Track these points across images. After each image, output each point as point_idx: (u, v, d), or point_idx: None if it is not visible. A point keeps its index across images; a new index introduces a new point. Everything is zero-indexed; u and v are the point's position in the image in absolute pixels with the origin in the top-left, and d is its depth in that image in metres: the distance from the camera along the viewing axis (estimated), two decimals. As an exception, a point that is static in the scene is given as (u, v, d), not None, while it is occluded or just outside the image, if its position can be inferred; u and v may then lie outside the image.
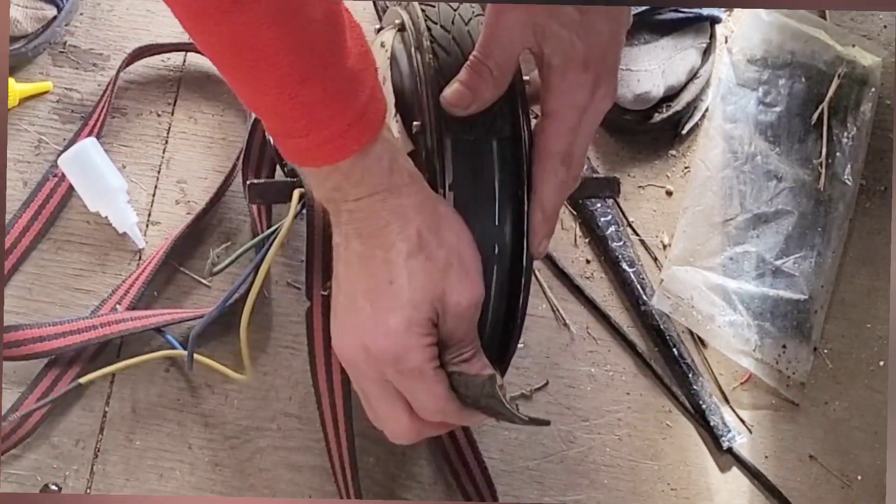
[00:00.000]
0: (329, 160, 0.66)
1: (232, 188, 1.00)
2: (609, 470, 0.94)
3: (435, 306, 0.68)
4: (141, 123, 1.03)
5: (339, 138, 0.64)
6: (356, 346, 0.69)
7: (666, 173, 1.04)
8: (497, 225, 0.73)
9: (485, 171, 0.72)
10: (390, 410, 0.72)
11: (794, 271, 0.99)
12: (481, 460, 0.91)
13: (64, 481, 0.92)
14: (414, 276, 0.67)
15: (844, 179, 1.01)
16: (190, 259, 0.99)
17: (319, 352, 0.82)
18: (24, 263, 0.98)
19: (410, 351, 0.68)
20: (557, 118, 0.72)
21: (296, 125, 0.64)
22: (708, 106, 1.05)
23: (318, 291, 0.79)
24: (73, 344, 0.92)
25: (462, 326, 0.70)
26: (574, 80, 0.71)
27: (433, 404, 0.70)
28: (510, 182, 0.73)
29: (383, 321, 0.68)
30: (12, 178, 1.00)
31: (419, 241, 0.67)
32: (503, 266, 0.74)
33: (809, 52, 1.05)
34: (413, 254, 0.67)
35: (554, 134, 0.72)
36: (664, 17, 1.01)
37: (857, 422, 0.96)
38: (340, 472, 0.87)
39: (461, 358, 0.70)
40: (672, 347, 0.97)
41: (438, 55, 0.73)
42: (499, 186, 0.73)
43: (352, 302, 0.69)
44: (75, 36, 1.06)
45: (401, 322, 0.67)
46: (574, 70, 0.71)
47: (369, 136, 0.65)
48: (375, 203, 0.67)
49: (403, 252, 0.67)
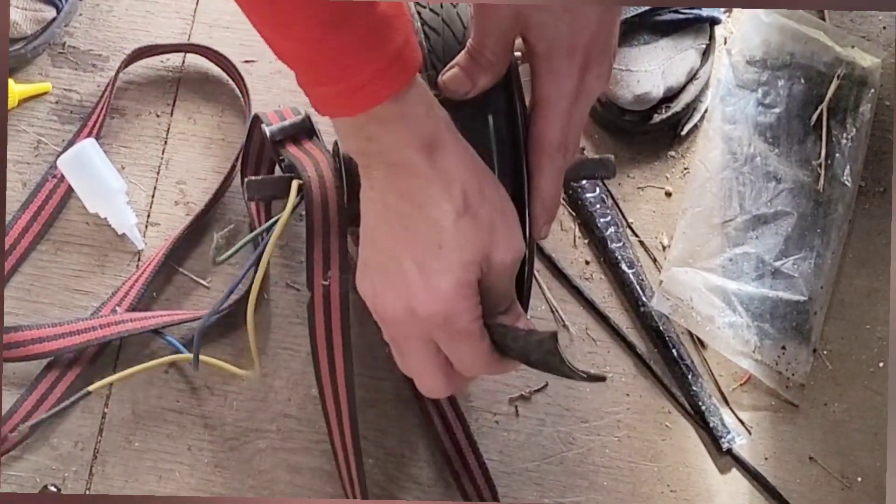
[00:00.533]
0: (363, 106, 0.64)
1: (231, 189, 1.00)
2: (608, 471, 0.94)
3: (481, 266, 0.67)
4: (140, 124, 1.03)
5: (372, 83, 0.63)
6: (401, 307, 0.68)
7: (665, 174, 1.04)
8: None
9: (482, 146, 0.72)
10: (430, 367, 0.71)
11: (793, 272, 0.99)
12: (482, 461, 0.91)
13: (63, 483, 0.92)
14: (463, 239, 0.66)
15: (844, 181, 1.01)
16: (189, 260, 0.99)
17: (321, 343, 0.82)
18: (24, 264, 0.98)
19: (461, 312, 0.67)
20: (548, 106, 0.72)
21: (326, 71, 0.63)
22: (707, 107, 1.05)
23: (320, 282, 0.79)
24: (72, 345, 0.92)
25: (503, 281, 0.69)
26: (561, 67, 0.71)
27: (478, 361, 0.70)
28: (508, 156, 0.73)
29: (433, 285, 0.67)
30: (11, 179, 1.00)
31: (465, 202, 0.66)
32: None
33: (809, 53, 1.05)
34: (461, 214, 0.66)
35: (546, 122, 0.72)
36: (664, 17, 1.01)
37: (856, 423, 0.96)
38: (345, 464, 0.87)
39: (500, 310, 0.70)
40: (671, 349, 0.97)
41: (430, 37, 0.74)
42: (497, 160, 0.73)
43: (395, 263, 0.68)
44: (74, 37, 1.06)
45: (451, 285, 0.67)
46: (559, 57, 0.71)
47: (403, 80, 0.64)
48: (416, 159, 0.66)
49: (451, 214, 0.66)
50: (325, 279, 0.79)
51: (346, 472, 0.87)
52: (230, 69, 1.03)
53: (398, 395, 0.95)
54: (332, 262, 0.80)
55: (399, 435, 0.94)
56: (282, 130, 0.89)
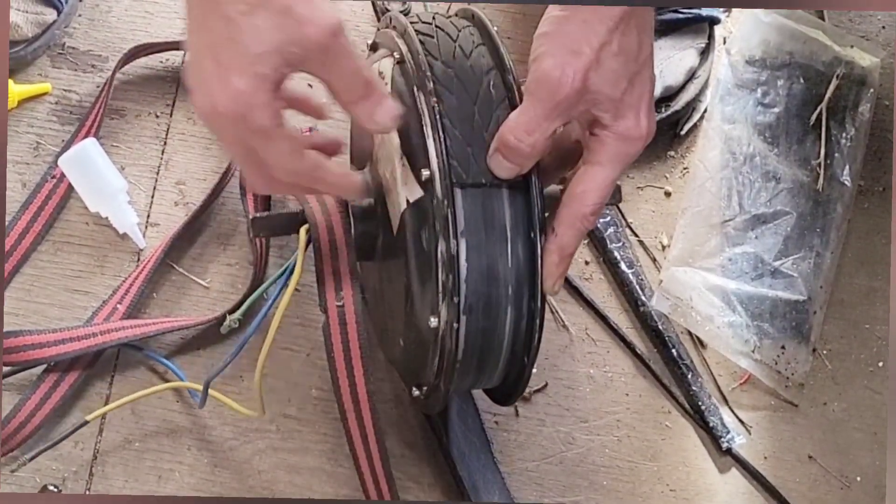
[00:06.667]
0: None
1: (228, 188, 1.00)
2: (608, 471, 0.94)
3: (285, 55, 0.65)
4: (139, 125, 1.03)
5: None
6: (206, 105, 0.67)
7: (665, 174, 1.04)
8: (510, 266, 0.73)
9: (496, 215, 0.72)
10: (244, 164, 0.71)
11: (792, 272, 0.99)
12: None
13: (63, 482, 0.92)
14: (254, 31, 0.65)
15: (843, 180, 1.01)
16: (188, 260, 0.99)
17: (340, 365, 0.80)
18: (24, 265, 0.98)
19: (256, 109, 0.66)
20: (603, 171, 0.72)
21: None
22: (706, 107, 1.05)
23: (334, 304, 0.78)
24: (71, 351, 0.91)
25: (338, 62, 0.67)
26: (630, 132, 0.72)
27: (281, 160, 0.69)
28: (522, 224, 0.73)
29: (228, 82, 0.65)
30: (11, 180, 1.00)
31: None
32: (517, 304, 0.74)
33: (808, 52, 1.05)
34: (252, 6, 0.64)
35: (594, 186, 0.72)
36: (663, 17, 1.01)
37: (856, 422, 0.96)
38: (374, 489, 0.85)
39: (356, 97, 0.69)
40: (671, 348, 0.97)
41: (442, 97, 0.73)
42: (511, 229, 0.73)
43: (197, 59, 0.67)
44: (74, 37, 1.06)
45: (245, 82, 0.65)
46: (626, 128, 0.72)
47: None
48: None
49: (241, 6, 0.64)
50: (339, 300, 0.78)
51: (377, 495, 0.86)
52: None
53: (398, 396, 0.95)
54: (345, 283, 0.79)
55: (399, 435, 0.94)
56: None
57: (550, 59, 0.69)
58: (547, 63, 0.69)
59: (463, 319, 0.72)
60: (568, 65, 0.69)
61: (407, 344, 0.79)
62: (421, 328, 0.75)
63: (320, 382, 0.95)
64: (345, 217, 0.80)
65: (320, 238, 0.79)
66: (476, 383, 0.80)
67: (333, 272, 0.79)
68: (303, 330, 0.96)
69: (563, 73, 0.68)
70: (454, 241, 0.71)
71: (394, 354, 0.85)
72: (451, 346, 0.73)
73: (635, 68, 0.71)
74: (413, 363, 0.80)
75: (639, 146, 0.72)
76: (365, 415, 0.82)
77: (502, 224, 0.72)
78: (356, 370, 0.80)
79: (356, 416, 0.82)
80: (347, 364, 0.80)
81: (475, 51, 0.76)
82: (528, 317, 0.74)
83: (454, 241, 0.71)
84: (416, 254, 0.74)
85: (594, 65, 0.69)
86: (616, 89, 0.70)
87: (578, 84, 0.69)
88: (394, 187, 0.76)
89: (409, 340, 0.79)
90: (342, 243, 0.80)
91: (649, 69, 0.72)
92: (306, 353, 0.96)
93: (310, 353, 0.96)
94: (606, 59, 0.69)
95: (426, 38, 0.76)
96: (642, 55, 0.71)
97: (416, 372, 0.80)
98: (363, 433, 0.82)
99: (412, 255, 0.75)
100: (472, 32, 0.77)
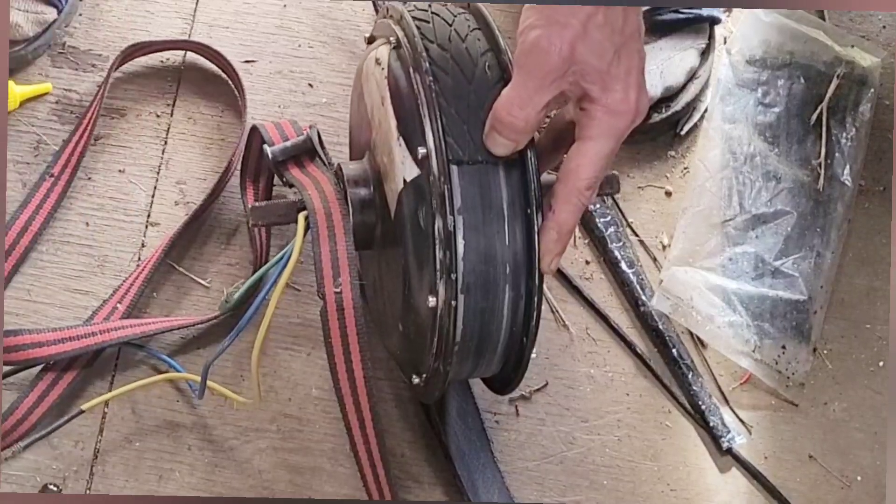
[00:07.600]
0: None
1: (229, 187, 1.00)
2: (608, 471, 0.94)
3: None
4: (140, 124, 1.03)
5: None
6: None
7: (665, 174, 1.04)
8: (507, 244, 0.73)
9: (493, 193, 0.73)
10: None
11: (793, 272, 0.99)
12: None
13: (63, 482, 0.92)
14: None
15: (843, 180, 1.01)
16: (188, 259, 0.99)
17: (338, 350, 0.81)
18: (23, 264, 0.98)
19: None
20: (595, 145, 0.73)
21: None
22: (707, 106, 1.05)
23: (331, 290, 0.79)
24: (71, 350, 0.91)
25: None
26: (619, 108, 0.72)
27: None
28: (519, 202, 0.73)
29: None
30: (11, 179, 1.00)
31: None
32: (515, 283, 0.74)
33: (808, 52, 1.05)
34: None
35: (588, 160, 0.73)
36: (663, 17, 1.01)
37: (856, 422, 0.96)
38: (371, 471, 0.86)
39: None
40: (671, 348, 0.97)
41: (438, 77, 0.73)
42: (507, 207, 0.73)
43: None
44: (74, 37, 1.06)
45: None
46: (616, 100, 0.72)
47: None
48: None
49: None
50: (337, 286, 0.79)
51: (374, 479, 0.86)
52: (225, 66, 1.03)
53: (398, 396, 0.95)
54: (342, 269, 0.80)
55: (399, 435, 0.94)
56: (283, 151, 0.90)
57: (538, 31, 0.70)
58: (534, 34, 0.70)
59: (461, 298, 0.73)
60: (555, 35, 0.69)
61: (406, 329, 0.80)
62: (420, 310, 0.75)
63: (321, 382, 0.95)
64: (343, 204, 0.81)
65: (318, 224, 0.79)
66: (475, 369, 0.80)
67: (331, 258, 0.79)
68: (303, 330, 0.96)
69: (550, 42, 0.69)
70: (451, 218, 0.71)
71: (393, 344, 0.86)
72: (449, 326, 0.73)
73: (621, 40, 0.71)
74: (412, 349, 0.80)
75: (628, 120, 0.72)
76: (362, 399, 0.82)
77: (499, 202, 0.73)
78: (353, 355, 0.80)
79: (353, 402, 0.83)
80: (345, 349, 0.80)
81: (471, 34, 0.76)
82: (526, 296, 0.74)
83: (451, 218, 0.71)
84: (413, 234, 0.75)
85: (581, 35, 0.69)
86: (602, 60, 0.70)
87: (566, 53, 0.69)
88: (391, 170, 0.76)
89: (409, 324, 0.79)
90: (340, 230, 0.80)
91: (636, 43, 0.72)
92: (307, 353, 0.96)
93: (310, 352, 0.96)
94: (593, 30, 0.70)
95: (422, 24, 0.76)
96: (628, 28, 0.71)
97: (415, 359, 0.80)
98: (360, 417, 0.83)
99: (409, 235, 0.75)
100: (468, 18, 0.78)
